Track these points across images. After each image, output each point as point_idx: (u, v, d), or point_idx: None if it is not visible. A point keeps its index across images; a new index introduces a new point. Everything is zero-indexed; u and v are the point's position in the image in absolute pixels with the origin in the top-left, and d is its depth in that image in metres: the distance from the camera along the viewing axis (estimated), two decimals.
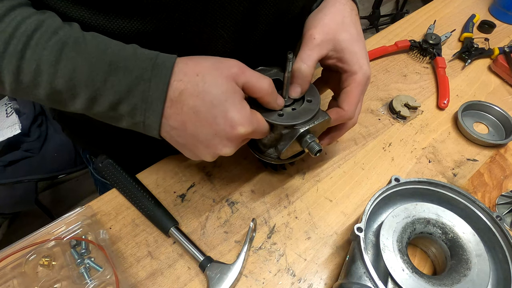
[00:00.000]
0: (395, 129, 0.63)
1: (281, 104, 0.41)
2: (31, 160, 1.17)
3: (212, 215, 0.51)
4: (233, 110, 0.35)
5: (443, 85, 0.68)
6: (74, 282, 0.44)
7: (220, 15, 0.43)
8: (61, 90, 0.34)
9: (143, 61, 0.35)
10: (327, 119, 0.43)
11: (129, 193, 0.50)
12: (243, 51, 0.49)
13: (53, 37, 0.33)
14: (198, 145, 0.38)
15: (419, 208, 0.45)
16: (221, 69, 0.36)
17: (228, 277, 0.43)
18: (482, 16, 0.85)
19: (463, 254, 0.41)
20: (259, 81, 0.37)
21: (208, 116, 0.35)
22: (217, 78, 0.35)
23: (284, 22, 0.50)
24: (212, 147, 0.38)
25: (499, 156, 0.59)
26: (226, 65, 0.37)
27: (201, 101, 0.35)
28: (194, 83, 0.35)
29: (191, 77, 0.35)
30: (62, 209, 1.57)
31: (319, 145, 0.41)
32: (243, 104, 0.37)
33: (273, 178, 0.55)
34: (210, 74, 0.36)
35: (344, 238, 0.49)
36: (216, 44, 0.46)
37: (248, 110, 0.37)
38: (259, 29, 0.48)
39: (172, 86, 0.35)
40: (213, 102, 0.35)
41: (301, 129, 0.41)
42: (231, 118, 0.35)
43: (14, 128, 1.11)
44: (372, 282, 0.37)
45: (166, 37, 0.42)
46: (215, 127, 0.36)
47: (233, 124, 0.36)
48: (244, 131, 0.36)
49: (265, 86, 0.38)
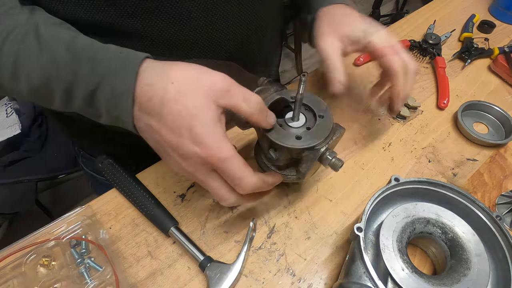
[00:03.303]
0: (395, 129, 0.63)
1: (271, 123, 0.39)
2: (31, 160, 1.17)
3: (212, 215, 0.51)
4: (201, 127, 0.32)
5: (443, 85, 0.68)
6: (74, 282, 0.44)
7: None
8: (37, 85, 0.36)
9: (113, 54, 0.35)
10: (342, 132, 0.43)
11: (129, 193, 0.50)
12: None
13: (28, 33, 0.35)
14: (163, 154, 0.36)
15: (419, 208, 0.45)
16: (202, 83, 0.33)
17: (228, 277, 0.43)
18: (482, 16, 0.85)
19: (463, 254, 0.41)
20: (245, 100, 0.34)
21: (174, 127, 0.33)
22: (193, 90, 0.33)
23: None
24: (173, 160, 0.35)
25: (499, 156, 0.59)
26: (210, 79, 0.34)
27: (168, 110, 0.32)
28: (165, 90, 0.33)
29: (164, 83, 0.33)
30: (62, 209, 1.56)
31: (341, 160, 0.40)
32: (216, 126, 0.33)
33: None
34: (187, 84, 0.33)
35: (344, 238, 0.49)
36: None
37: (221, 135, 0.33)
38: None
39: (141, 89, 0.33)
40: (181, 113, 0.32)
41: (322, 148, 0.40)
42: (195, 135, 0.32)
43: (14, 128, 1.12)
44: (372, 282, 0.37)
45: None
46: (179, 139, 0.33)
47: (197, 142, 0.32)
48: (207, 154, 0.32)
49: (253, 106, 0.34)
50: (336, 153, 0.41)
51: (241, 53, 0.52)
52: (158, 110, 0.33)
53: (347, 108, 0.66)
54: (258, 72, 0.59)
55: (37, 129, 1.19)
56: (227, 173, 0.34)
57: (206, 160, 0.33)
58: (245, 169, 0.34)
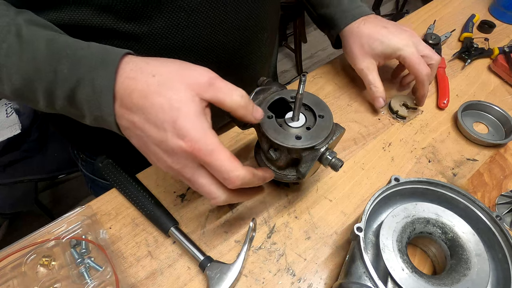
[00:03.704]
0: (395, 129, 0.63)
1: (258, 118, 0.37)
2: (31, 160, 1.17)
3: (212, 215, 0.51)
4: (185, 120, 0.31)
5: (443, 85, 0.68)
6: (74, 282, 0.44)
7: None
8: (19, 86, 0.35)
9: (93, 51, 0.34)
10: (342, 132, 0.43)
11: (129, 193, 0.50)
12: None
13: (9, 33, 0.35)
14: (147, 152, 0.35)
15: (419, 207, 0.45)
16: (185, 76, 0.33)
17: (228, 276, 0.43)
18: (482, 16, 0.85)
19: (463, 254, 0.41)
20: (229, 94, 0.33)
21: (156, 121, 0.31)
22: (175, 83, 0.32)
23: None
24: (158, 157, 0.34)
25: (498, 156, 0.59)
26: (193, 73, 0.33)
27: (150, 103, 0.31)
28: (147, 83, 0.32)
29: (146, 76, 0.32)
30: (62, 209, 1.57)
31: (341, 160, 0.40)
32: (200, 118, 0.32)
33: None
34: (169, 78, 0.32)
35: (344, 238, 0.49)
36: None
37: (206, 128, 0.32)
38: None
39: (123, 83, 0.32)
40: (163, 107, 0.31)
41: (322, 148, 0.40)
42: (179, 128, 0.31)
43: (14, 128, 1.12)
44: (372, 282, 0.37)
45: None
46: (163, 133, 0.32)
47: (181, 134, 0.31)
48: (193, 148, 0.31)
49: (236, 99, 0.34)
50: (336, 153, 0.41)
51: (240, 54, 0.53)
52: (140, 104, 0.32)
53: (347, 108, 0.66)
54: (255, 71, 0.59)
55: (37, 129, 1.19)
56: (214, 166, 0.32)
57: (191, 154, 0.31)
58: (233, 161, 0.33)
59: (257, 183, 0.38)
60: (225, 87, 0.34)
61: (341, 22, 0.61)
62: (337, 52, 0.68)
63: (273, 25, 0.59)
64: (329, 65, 0.74)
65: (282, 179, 0.47)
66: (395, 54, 0.58)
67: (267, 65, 0.65)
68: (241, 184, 0.34)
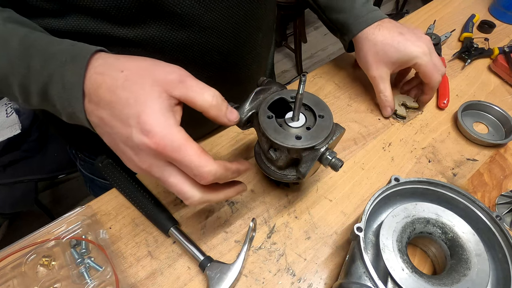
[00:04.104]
0: (395, 129, 0.63)
1: (233, 120, 0.36)
2: (31, 160, 1.17)
3: (212, 215, 0.51)
4: (149, 115, 0.30)
5: (443, 85, 0.68)
6: (74, 282, 0.44)
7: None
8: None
9: (65, 47, 0.34)
10: (342, 132, 0.43)
11: (129, 193, 0.50)
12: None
13: None
14: (118, 151, 0.34)
15: (419, 207, 0.45)
16: (154, 72, 0.32)
17: (228, 276, 0.43)
18: (482, 16, 0.85)
19: (462, 254, 0.41)
20: (200, 93, 0.32)
21: (122, 116, 0.31)
22: (143, 78, 0.31)
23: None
24: (127, 155, 0.33)
25: (498, 156, 0.59)
26: (163, 70, 0.33)
27: (116, 97, 0.31)
28: (115, 78, 0.31)
29: (114, 71, 0.32)
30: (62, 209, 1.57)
31: (341, 160, 0.40)
32: (166, 115, 0.31)
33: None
34: (138, 73, 0.32)
35: (344, 238, 0.49)
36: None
37: (172, 124, 0.31)
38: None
39: (90, 78, 0.32)
40: (129, 101, 0.30)
41: (322, 148, 0.40)
42: (143, 123, 0.30)
43: (14, 128, 1.12)
44: (372, 282, 0.37)
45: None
46: (128, 129, 0.30)
47: (145, 130, 0.30)
48: (157, 144, 0.30)
49: (208, 98, 0.32)
50: (336, 153, 0.41)
51: (234, 55, 0.53)
52: (107, 99, 0.31)
53: (347, 108, 0.66)
54: (252, 71, 0.59)
55: (37, 129, 1.19)
56: (183, 162, 0.31)
57: (157, 151, 0.30)
58: (203, 156, 0.31)
59: (231, 177, 0.36)
60: (196, 85, 0.32)
61: (355, 28, 0.60)
62: (337, 52, 0.69)
63: (268, 25, 0.59)
64: (329, 65, 0.74)
65: (282, 179, 0.47)
66: (411, 62, 0.57)
67: (263, 64, 0.65)
68: (214, 180, 0.33)
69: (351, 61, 0.74)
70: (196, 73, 0.50)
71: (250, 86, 0.62)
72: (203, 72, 0.51)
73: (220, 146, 0.60)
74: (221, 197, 0.37)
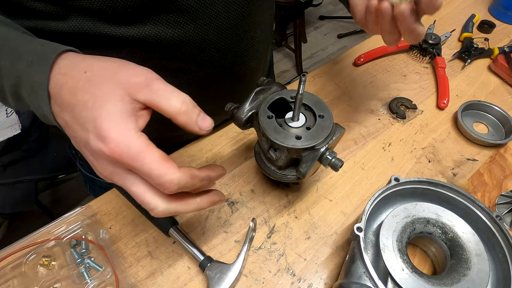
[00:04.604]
0: (395, 129, 0.63)
1: (205, 128, 0.32)
2: (31, 160, 1.17)
3: (212, 215, 0.51)
4: (106, 119, 0.28)
5: (443, 85, 0.68)
6: (74, 282, 0.44)
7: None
8: None
9: (34, 47, 0.33)
10: (342, 132, 0.43)
11: (129, 193, 0.50)
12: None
13: None
14: (83, 153, 0.32)
15: (419, 207, 0.45)
16: (118, 74, 0.30)
17: (228, 276, 0.43)
18: (482, 16, 0.85)
19: (462, 254, 0.41)
20: (167, 98, 0.30)
21: (80, 119, 0.29)
22: (106, 80, 0.30)
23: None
24: (90, 160, 0.31)
25: (498, 156, 0.59)
26: (128, 72, 0.31)
27: (76, 99, 0.29)
28: (76, 79, 0.30)
29: (77, 72, 0.30)
30: (62, 209, 1.57)
31: (341, 160, 0.40)
32: (126, 119, 0.29)
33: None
34: (100, 75, 0.30)
35: (344, 238, 0.49)
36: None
37: (131, 129, 0.29)
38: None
39: (54, 79, 0.31)
40: (87, 104, 0.29)
41: (322, 148, 0.40)
42: (99, 128, 0.28)
43: (14, 128, 1.12)
44: (372, 282, 0.37)
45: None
46: (86, 133, 0.29)
47: (101, 136, 0.28)
48: (113, 151, 0.28)
49: (175, 104, 0.30)
50: (336, 153, 0.41)
51: (232, 52, 0.53)
52: (68, 101, 0.30)
53: (347, 108, 0.66)
54: (250, 68, 0.60)
55: (37, 129, 1.19)
56: (142, 171, 0.28)
57: (113, 158, 0.28)
58: (164, 164, 0.29)
59: (201, 185, 0.33)
60: (164, 89, 0.30)
61: None
62: (337, 52, 0.69)
63: (266, 21, 0.59)
64: (329, 65, 0.74)
65: (282, 179, 0.47)
66: None
67: (262, 62, 0.65)
68: (179, 189, 0.30)
69: (351, 61, 0.74)
70: (194, 70, 0.50)
71: (249, 83, 0.62)
72: (202, 69, 0.51)
73: (220, 146, 0.60)
74: (191, 208, 0.34)
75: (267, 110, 0.43)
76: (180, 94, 0.31)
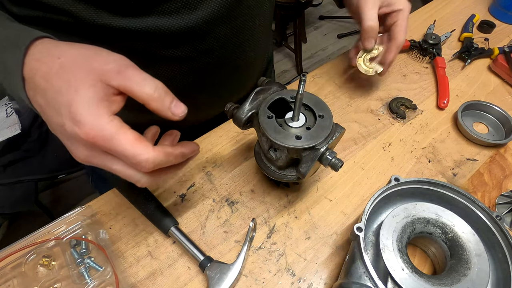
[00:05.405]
0: (395, 129, 0.63)
1: (178, 113, 0.33)
2: (31, 160, 1.17)
3: (212, 215, 0.51)
4: (80, 104, 0.29)
5: (443, 85, 0.68)
6: (74, 282, 0.44)
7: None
8: None
9: (10, 32, 0.34)
10: (342, 132, 0.43)
11: (129, 193, 0.50)
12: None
13: None
14: (59, 138, 0.33)
15: (419, 207, 0.45)
16: (92, 60, 0.31)
17: (228, 276, 0.43)
18: (482, 16, 0.85)
19: (462, 254, 0.41)
20: (141, 84, 0.31)
21: (55, 104, 0.30)
22: (79, 66, 0.30)
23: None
24: (67, 145, 0.32)
25: (498, 156, 0.59)
26: (102, 59, 0.31)
27: (50, 85, 0.30)
28: (50, 65, 0.30)
29: (51, 58, 0.31)
30: (62, 209, 1.57)
31: (341, 160, 0.40)
32: (99, 104, 0.30)
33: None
34: (74, 60, 0.31)
35: (344, 238, 0.49)
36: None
37: (104, 114, 0.30)
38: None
39: (28, 64, 0.31)
40: (61, 89, 0.29)
41: (322, 148, 0.40)
42: (74, 112, 0.29)
43: (14, 128, 1.11)
44: (372, 282, 0.37)
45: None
46: (60, 118, 0.30)
47: (75, 120, 0.29)
48: (87, 135, 0.29)
49: (148, 90, 0.31)
50: (336, 153, 0.41)
51: (232, 42, 0.53)
52: (42, 87, 0.30)
53: (347, 108, 0.66)
54: (251, 59, 0.60)
55: (37, 129, 1.19)
56: (117, 152, 0.30)
57: (88, 141, 0.29)
58: (138, 144, 0.30)
59: (176, 162, 0.35)
60: (137, 76, 0.31)
61: None
62: (337, 52, 0.69)
63: (266, 11, 0.59)
64: (329, 65, 0.74)
65: (282, 179, 0.47)
66: (397, 7, 0.56)
67: (261, 53, 0.66)
68: (155, 166, 0.31)
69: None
70: (196, 59, 0.50)
71: (249, 74, 0.63)
72: (203, 59, 0.51)
73: (220, 146, 0.60)
74: (172, 172, 0.36)
75: (267, 110, 0.43)
76: (153, 81, 0.32)
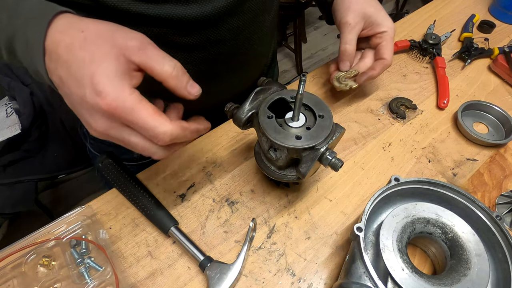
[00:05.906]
0: (395, 129, 0.63)
1: (193, 93, 0.35)
2: (31, 160, 1.17)
3: (212, 215, 0.51)
4: (103, 75, 0.30)
5: (443, 85, 0.68)
6: (74, 282, 0.44)
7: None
8: None
9: (33, 4, 0.34)
10: (342, 132, 0.43)
11: (129, 193, 0.50)
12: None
13: None
14: (77, 113, 0.33)
15: (419, 207, 0.45)
16: (115, 35, 0.32)
17: (228, 276, 0.43)
18: (482, 16, 0.85)
19: (462, 254, 0.41)
20: (161, 62, 0.32)
21: (77, 75, 0.30)
22: (102, 40, 0.31)
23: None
24: (85, 118, 0.32)
25: (498, 156, 0.59)
26: (124, 35, 0.32)
27: (73, 56, 0.30)
28: (74, 37, 0.31)
29: (74, 31, 0.31)
30: (62, 209, 1.57)
31: (341, 160, 0.40)
32: (121, 77, 0.31)
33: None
34: (98, 34, 0.31)
35: (344, 238, 0.49)
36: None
37: (126, 86, 0.31)
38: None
39: (51, 36, 0.32)
40: (85, 60, 0.30)
41: (322, 148, 0.40)
42: (96, 83, 0.29)
43: (14, 128, 1.11)
44: (372, 282, 0.37)
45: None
46: (82, 89, 0.30)
47: (98, 91, 0.29)
48: (109, 106, 0.30)
49: (167, 68, 0.32)
50: (336, 153, 0.41)
51: (243, 35, 0.54)
52: (64, 58, 0.31)
53: (347, 108, 0.66)
54: (257, 52, 0.60)
55: (37, 129, 1.19)
56: (137, 124, 0.31)
57: (109, 112, 0.30)
58: (157, 117, 0.31)
59: (190, 137, 0.36)
60: (157, 54, 0.32)
61: None
62: (337, 52, 0.68)
63: (274, 7, 0.60)
64: (329, 65, 0.74)
65: (282, 179, 0.47)
66: (381, 28, 0.58)
67: (268, 45, 0.67)
68: (172, 140, 0.32)
69: None
70: (207, 48, 0.51)
71: (255, 66, 0.65)
72: (214, 48, 0.52)
73: (220, 146, 0.60)
74: (184, 144, 0.38)
75: (267, 110, 0.43)
76: (172, 60, 0.33)
